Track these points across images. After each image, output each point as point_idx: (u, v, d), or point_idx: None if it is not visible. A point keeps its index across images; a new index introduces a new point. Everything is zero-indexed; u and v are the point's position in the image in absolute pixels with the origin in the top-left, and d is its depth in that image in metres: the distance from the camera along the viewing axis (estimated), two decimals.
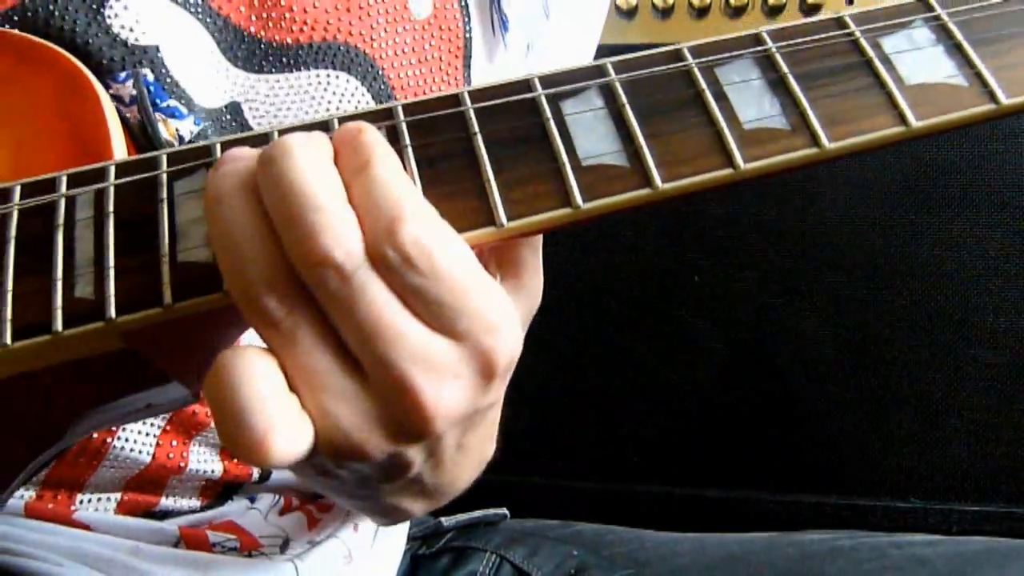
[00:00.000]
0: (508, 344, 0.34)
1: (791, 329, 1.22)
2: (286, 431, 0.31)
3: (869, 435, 1.22)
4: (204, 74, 0.56)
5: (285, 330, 0.33)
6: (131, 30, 0.52)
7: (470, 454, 0.40)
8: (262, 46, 0.57)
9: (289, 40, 0.58)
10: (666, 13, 1.15)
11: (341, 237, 0.32)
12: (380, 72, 0.60)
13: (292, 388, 0.33)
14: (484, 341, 0.33)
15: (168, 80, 0.53)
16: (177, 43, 0.54)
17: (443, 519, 0.80)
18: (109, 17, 0.52)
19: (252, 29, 0.57)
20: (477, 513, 0.80)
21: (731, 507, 1.26)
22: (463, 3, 0.65)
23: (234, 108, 0.57)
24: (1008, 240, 1.16)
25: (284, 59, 0.58)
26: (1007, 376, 1.18)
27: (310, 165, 0.33)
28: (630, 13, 1.16)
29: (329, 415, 0.33)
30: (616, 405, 1.28)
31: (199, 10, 0.55)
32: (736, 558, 0.74)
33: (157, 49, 0.52)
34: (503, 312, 0.34)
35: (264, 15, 0.57)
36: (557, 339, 1.26)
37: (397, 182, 0.33)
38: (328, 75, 0.59)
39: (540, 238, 0.39)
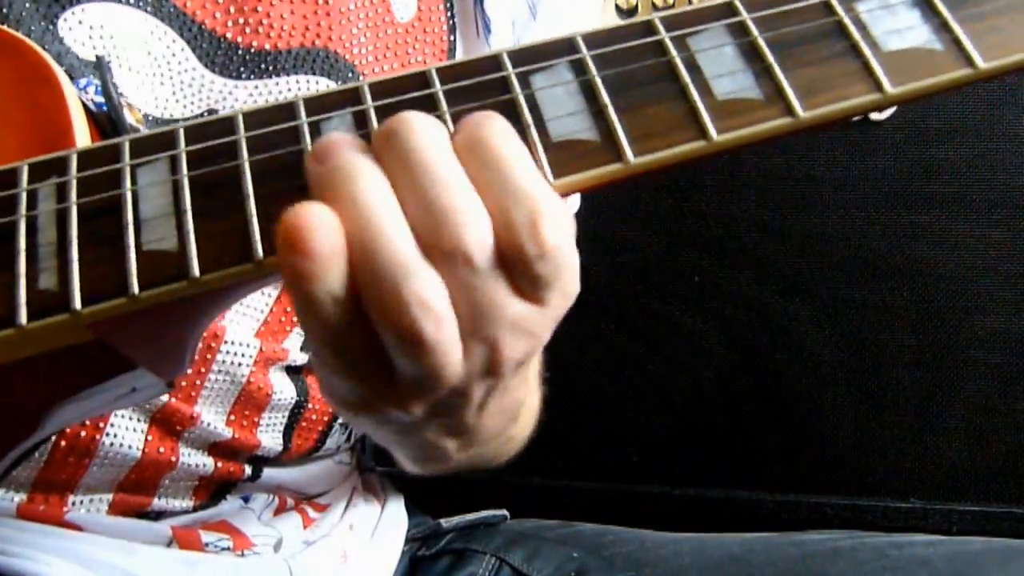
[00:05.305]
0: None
1: (790, 329, 1.22)
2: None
3: (869, 435, 1.22)
4: (167, 86, 0.55)
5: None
6: (83, 44, 0.52)
7: (506, 397, 0.42)
8: (239, 52, 0.57)
9: (267, 46, 0.57)
10: None
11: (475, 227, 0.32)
12: (360, 78, 0.60)
13: None
14: (562, 306, 0.36)
15: (118, 93, 0.52)
16: (134, 57, 0.53)
17: (442, 520, 0.80)
18: (62, 29, 0.51)
19: (228, 35, 0.57)
20: (477, 515, 0.80)
21: (731, 507, 1.26)
22: (448, 4, 0.65)
23: (211, 115, 0.56)
24: (1008, 240, 1.15)
25: (262, 65, 0.57)
26: (1006, 376, 1.18)
27: (438, 143, 0.33)
28: (630, 12, 1.15)
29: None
30: (616, 405, 1.28)
31: (172, 17, 0.55)
32: (737, 558, 0.74)
33: (107, 64, 0.52)
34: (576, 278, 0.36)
35: (240, 20, 0.57)
36: (557, 339, 1.25)
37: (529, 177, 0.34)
38: (307, 81, 0.58)
39: None
